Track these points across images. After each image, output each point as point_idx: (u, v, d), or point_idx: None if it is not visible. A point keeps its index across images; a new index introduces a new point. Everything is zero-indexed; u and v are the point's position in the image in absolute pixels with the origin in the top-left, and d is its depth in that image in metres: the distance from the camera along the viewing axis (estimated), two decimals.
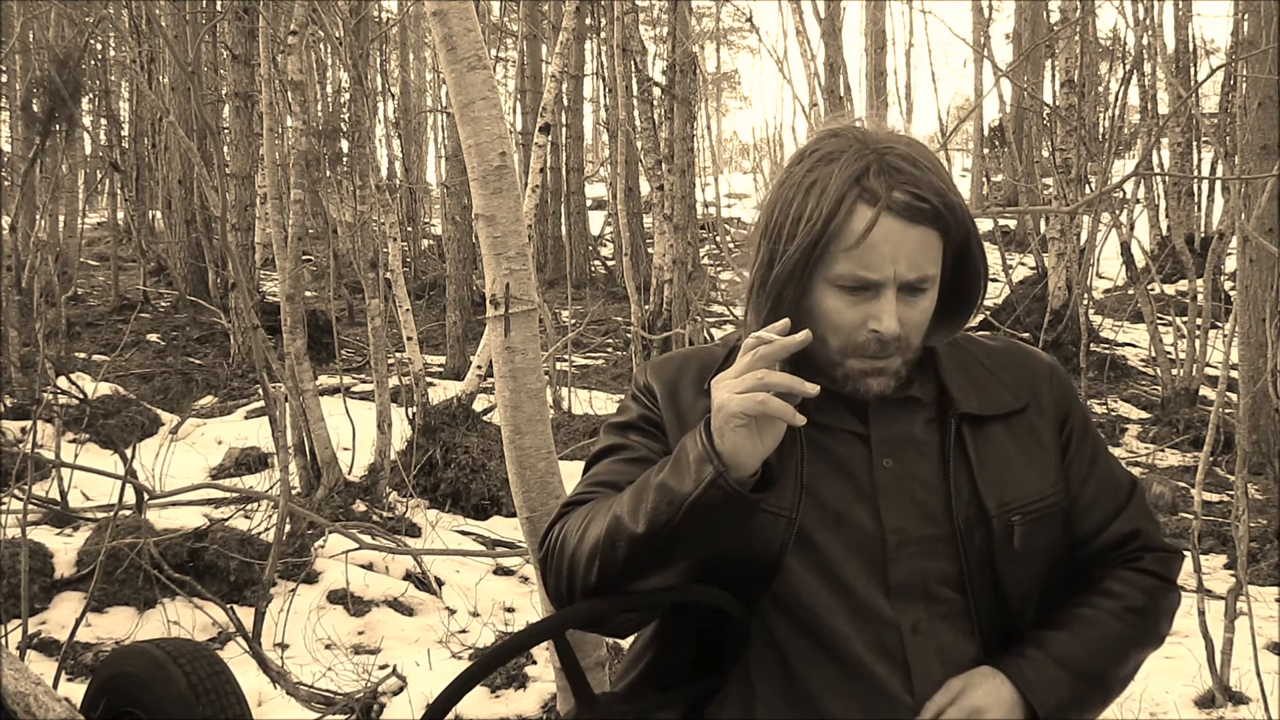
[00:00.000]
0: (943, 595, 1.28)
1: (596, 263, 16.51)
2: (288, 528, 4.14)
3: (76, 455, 5.45)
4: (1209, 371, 8.10)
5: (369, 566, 4.46)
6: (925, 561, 1.27)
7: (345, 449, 5.74)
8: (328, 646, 3.86)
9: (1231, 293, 8.49)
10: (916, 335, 1.26)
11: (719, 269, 15.18)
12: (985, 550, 1.28)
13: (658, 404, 1.34)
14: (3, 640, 3.42)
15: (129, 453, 4.29)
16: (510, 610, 4.32)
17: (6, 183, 9.62)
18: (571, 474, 1.65)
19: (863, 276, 1.21)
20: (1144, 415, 7.98)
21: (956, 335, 1.37)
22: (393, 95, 15.57)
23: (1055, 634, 1.29)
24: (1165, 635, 1.36)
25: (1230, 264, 10.17)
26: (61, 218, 13.60)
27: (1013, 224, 17.49)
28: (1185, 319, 8.29)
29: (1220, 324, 8.73)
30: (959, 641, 1.28)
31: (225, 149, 9.62)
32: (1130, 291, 10.51)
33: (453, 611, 4.27)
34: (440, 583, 4.45)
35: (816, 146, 1.25)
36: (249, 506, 4.87)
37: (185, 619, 3.89)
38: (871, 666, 1.25)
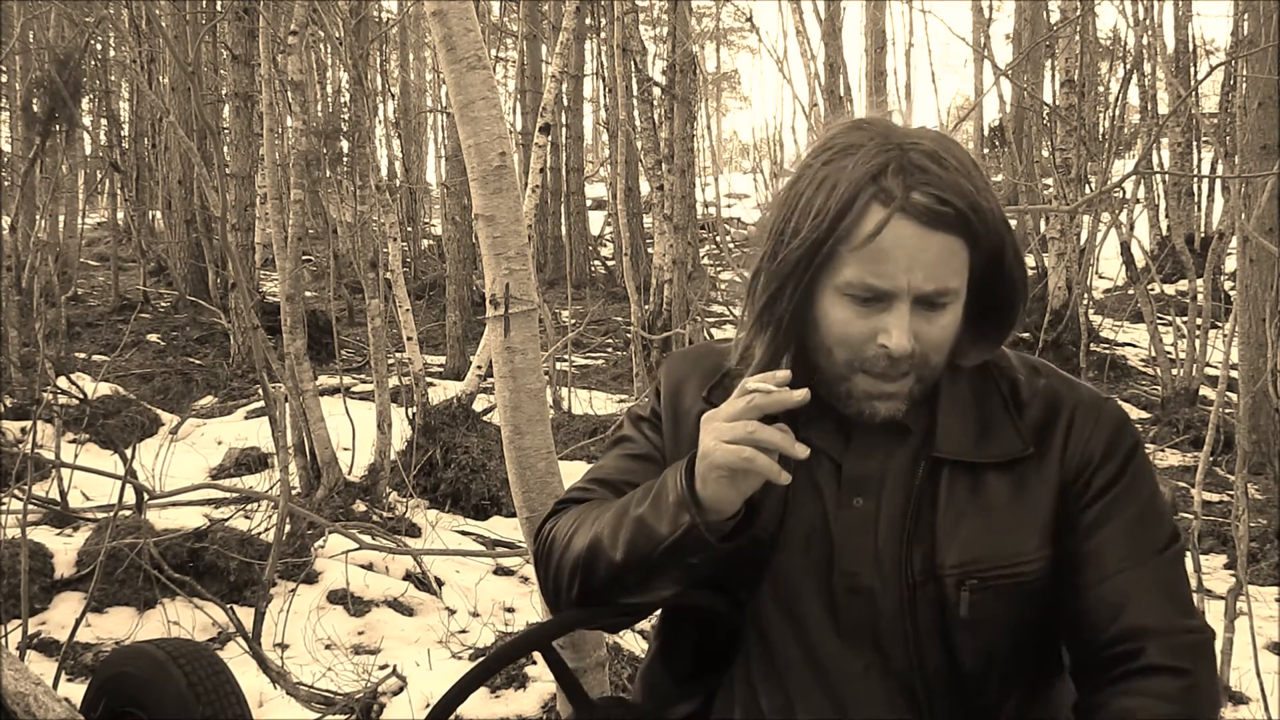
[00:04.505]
0: (889, 651, 1.19)
1: (596, 263, 16.49)
2: (288, 528, 4.14)
3: (76, 455, 5.45)
4: (1209, 371, 8.10)
5: (369, 567, 4.46)
6: (873, 613, 1.19)
7: (345, 449, 5.74)
8: (328, 647, 3.86)
9: (1231, 293, 8.49)
10: (936, 355, 1.15)
11: (719, 269, 15.17)
12: (936, 612, 1.16)
13: (660, 402, 1.33)
14: (3, 640, 3.42)
15: (129, 453, 4.29)
16: (510, 610, 4.32)
17: (6, 183, 9.62)
18: (571, 474, 1.66)
19: (873, 285, 1.10)
20: (1144, 415, 7.98)
21: (995, 356, 1.23)
22: (393, 95, 15.56)
23: None
24: None
25: (1230, 264, 10.17)
26: (61, 218, 13.59)
27: (1013, 224, 17.47)
28: (1185, 319, 8.29)
29: (1220, 324, 8.72)
30: (898, 704, 1.19)
31: (225, 149, 9.62)
32: (1130, 291, 10.51)
33: (453, 612, 4.27)
34: (440, 583, 4.45)
35: (835, 140, 1.15)
36: (249, 507, 4.87)
37: (185, 619, 3.89)
38: (815, 701, 1.21)
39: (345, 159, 8.53)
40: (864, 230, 1.09)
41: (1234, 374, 5.51)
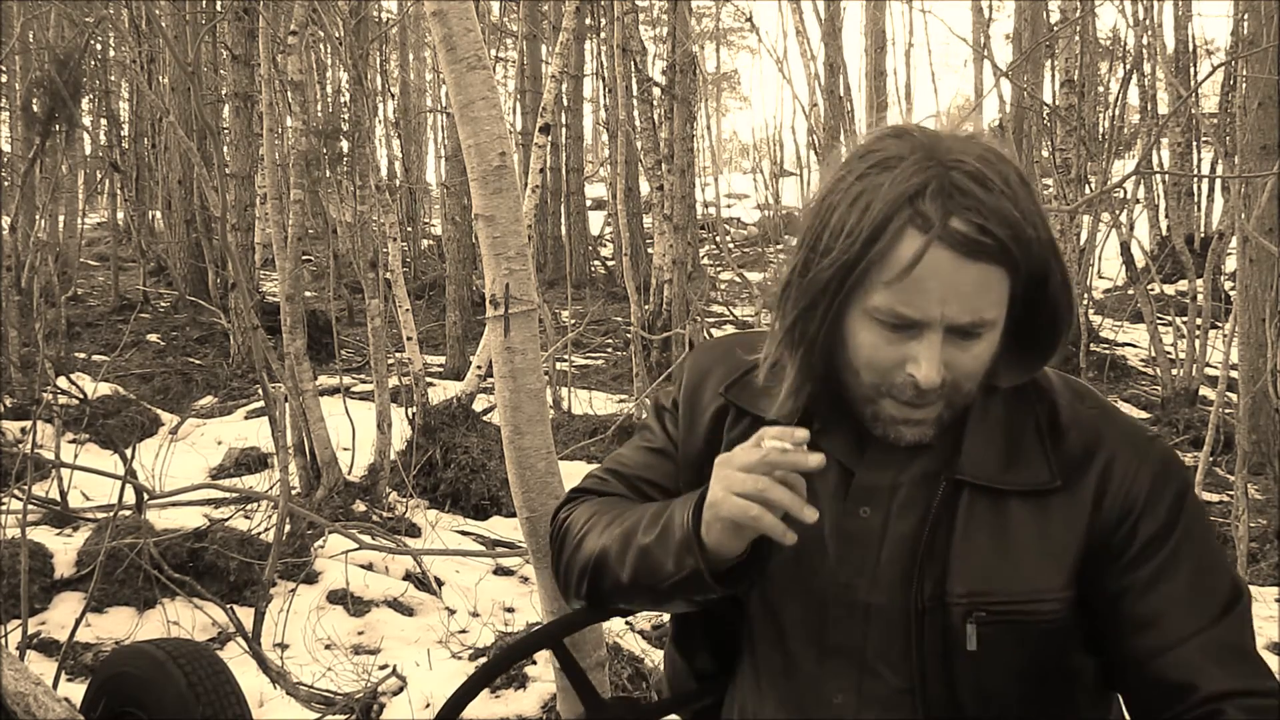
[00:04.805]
0: (884, 675, 1.13)
1: (596, 263, 16.50)
2: (288, 528, 4.14)
3: (76, 455, 5.45)
4: (1209, 371, 8.11)
5: (369, 567, 4.46)
6: (863, 628, 1.14)
7: (345, 449, 5.74)
8: (328, 647, 3.86)
9: (1231, 293, 8.49)
10: (968, 382, 1.08)
11: (719, 269, 15.19)
12: (940, 640, 1.10)
13: (680, 392, 1.32)
14: (3, 640, 3.42)
15: (129, 453, 4.29)
16: (510, 610, 4.32)
17: (6, 183, 9.62)
18: (571, 474, 1.66)
19: (904, 314, 1.03)
20: (1144, 415, 7.97)
21: (1036, 375, 1.15)
22: (393, 95, 15.57)
23: None
24: None
25: (1230, 264, 10.17)
26: (61, 218, 13.59)
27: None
28: (1185, 319, 8.29)
29: (1220, 324, 8.73)
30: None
31: (225, 149, 9.62)
32: (1130, 291, 10.51)
33: (453, 612, 4.27)
34: (440, 583, 4.45)
35: (875, 147, 1.07)
36: (249, 507, 4.87)
37: (185, 619, 3.89)
38: (793, 707, 1.19)
39: (345, 159, 8.52)
40: (899, 258, 1.02)
41: (1234, 374, 5.52)
